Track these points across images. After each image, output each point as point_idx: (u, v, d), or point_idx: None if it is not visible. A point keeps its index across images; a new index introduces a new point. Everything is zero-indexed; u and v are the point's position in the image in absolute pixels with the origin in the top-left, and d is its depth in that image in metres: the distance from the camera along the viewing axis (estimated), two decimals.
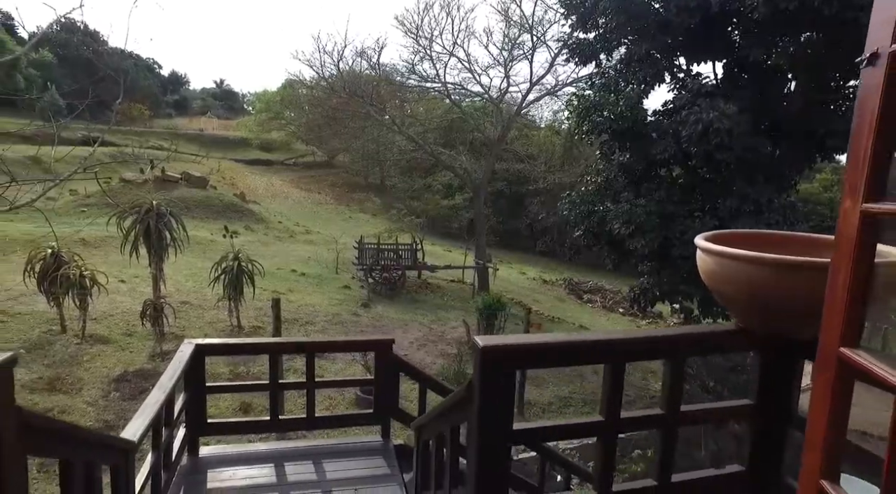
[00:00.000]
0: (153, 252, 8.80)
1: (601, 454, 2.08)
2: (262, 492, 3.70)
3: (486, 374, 1.85)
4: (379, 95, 20.21)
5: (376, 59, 19.61)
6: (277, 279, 14.90)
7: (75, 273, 8.41)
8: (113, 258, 12.48)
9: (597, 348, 2.00)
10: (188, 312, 11.10)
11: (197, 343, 3.97)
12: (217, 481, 3.80)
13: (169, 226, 8.75)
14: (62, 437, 1.90)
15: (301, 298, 13.56)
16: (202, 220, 22.09)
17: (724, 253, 1.98)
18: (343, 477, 3.94)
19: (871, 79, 1.18)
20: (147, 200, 9.06)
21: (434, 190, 32.70)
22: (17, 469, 1.55)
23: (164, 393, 3.20)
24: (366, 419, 4.71)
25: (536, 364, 2.21)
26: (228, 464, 4.01)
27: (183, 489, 3.66)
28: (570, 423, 2.29)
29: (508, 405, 1.93)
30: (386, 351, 4.42)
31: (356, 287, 15.96)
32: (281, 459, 4.12)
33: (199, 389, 4.04)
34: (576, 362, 2.36)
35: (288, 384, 4.95)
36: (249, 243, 19.31)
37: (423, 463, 3.16)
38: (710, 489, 2.29)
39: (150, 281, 9.51)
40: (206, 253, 15.52)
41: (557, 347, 1.94)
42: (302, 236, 23.74)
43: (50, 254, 8.39)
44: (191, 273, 13.75)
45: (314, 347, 4.64)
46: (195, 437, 4.07)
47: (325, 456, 4.20)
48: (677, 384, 2.11)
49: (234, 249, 10.63)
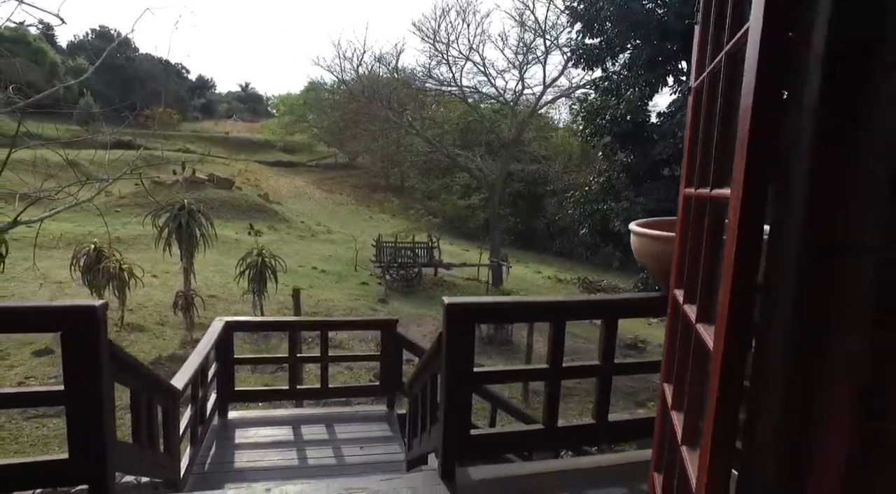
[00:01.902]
0: (184, 248, 9.54)
1: (547, 396, 2.62)
2: (282, 447, 4.31)
3: (450, 326, 2.42)
4: (398, 99, 20.89)
5: (394, 64, 20.31)
6: (299, 276, 15.61)
7: (115, 267, 9.17)
8: (145, 255, 13.30)
9: (541, 307, 2.53)
10: (215, 305, 11.84)
11: (227, 320, 4.61)
12: (243, 438, 4.43)
13: (199, 224, 9.47)
14: (133, 371, 2.50)
15: (321, 294, 14.24)
16: (228, 220, 22.98)
17: (642, 234, 2.51)
18: (351, 438, 4.53)
19: (691, 103, 1.73)
20: (179, 200, 9.80)
21: (452, 190, 33.24)
22: (109, 386, 2.16)
23: (199, 358, 3.82)
24: (373, 390, 5.31)
25: (490, 319, 2.76)
26: (253, 425, 4.64)
27: (215, 443, 4.28)
28: (521, 369, 2.84)
29: (469, 352, 2.48)
30: (391, 330, 5.01)
31: (374, 284, 16.60)
32: (298, 422, 4.73)
33: (228, 360, 4.67)
34: (525, 319, 2.91)
35: (305, 357, 5.54)
36: (272, 242, 20.10)
37: (412, 413, 3.72)
38: (641, 428, 2.81)
39: (179, 276, 10.27)
40: (232, 251, 16.31)
41: (509, 306, 2.48)
42: (323, 235, 24.51)
43: (93, 250, 9.16)
44: (217, 269, 14.54)
45: (328, 325, 5.26)
46: (224, 402, 4.70)
47: (336, 421, 4.80)
48: (611, 340, 2.63)
49: (258, 246, 11.34)
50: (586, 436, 2.77)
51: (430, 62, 20.88)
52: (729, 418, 1.02)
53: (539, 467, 2.67)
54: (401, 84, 21.65)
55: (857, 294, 0.78)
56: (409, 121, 21.43)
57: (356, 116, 24.79)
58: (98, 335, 2.06)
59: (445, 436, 2.50)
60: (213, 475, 3.81)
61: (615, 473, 2.61)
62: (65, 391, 2.04)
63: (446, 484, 2.47)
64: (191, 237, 9.46)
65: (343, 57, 21.75)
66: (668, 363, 1.77)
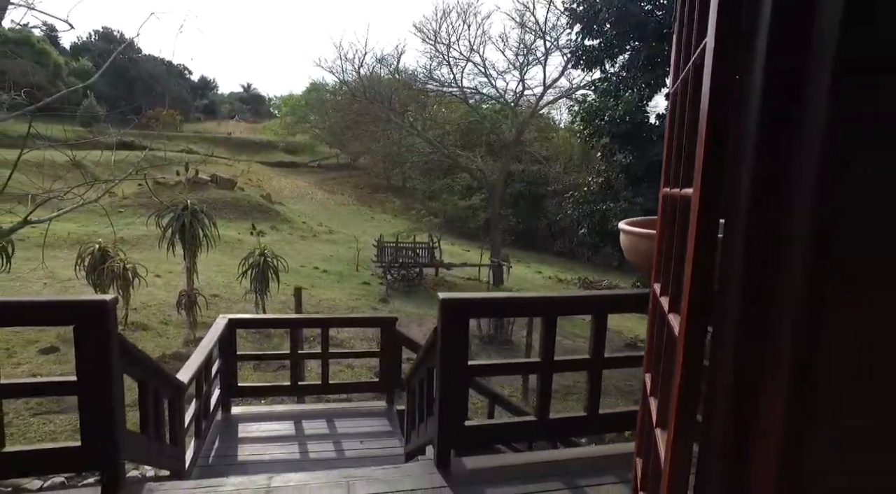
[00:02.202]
0: (187, 247, 9.65)
1: (540, 389, 2.72)
2: (284, 441, 4.41)
3: (445, 321, 2.52)
4: (399, 100, 21.02)
5: (395, 65, 20.45)
6: (301, 276, 15.73)
7: (119, 266, 9.29)
8: (148, 255, 13.43)
9: (533, 303, 2.63)
10: (218, 304, 11.96)
11: (230, 317, 4.72)
12: (246, 432, 4.53)
13: (202, 224, 9.59)
14: (142, 364, 2.61)
15: (322, 293, 14.36)
16: (230, 220, 23.13)
17: (629, 232, 2.61)
18: (351, 433, 4.64)
19: (669, 107, 1.83)
20: (182, 200, 9.92)
21: (453, 190, 33.35)
22: (118, 379, 2.26)
23: (203, 354, 3.93)
24: (373, 387, 5.42)
25: (484, 314, 2.86)
26: (255, 420, 4.75)
27: (218, 437, 4.39)
28: (514, 362, 2.94)
29: (464, 346, 2.59)
30: (390, 327, 5.11)
31: (375, 283, 16.71)
32: (299, 417, 4.84)
33: (231, 357, 4.78)
34: (516, 314, 3.02)
35: (306, 354, 5.65)
36: (275, 242, 20.23)
37: (410, 406, 3.83)
38: (630, 419, 2.91)
39: (182, 276, 10.40)
40: (234, 251, 16.44)
41: (501, 302, 2.59)
42: (325, 236, 24.64)
43: (97, 249, 9.28)
44: (220, 269, 14.67)
45: (329, 322, 5.37)
46: (227, 398, 4.81)
47: (337, 416, 4.91)
48: (601, 335, 2.73)
49: (260, 246, 11.46)
50: (578, 428, 2.87)
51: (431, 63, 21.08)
52: (690, 397, 1.12)
53: (531, 457, 2.78)
54: (402, 85, 21.79)
55: (790, 279, 0.88)
56: (410, 121, 21.56)
57: (357, 117, 24.94)
58: (109, 328, 2.16)
59: (441, 426, 2.60)
60: (216, 467, 3.91)
61: (605, 463, 2.71)
62: (78, 381, 2.15)
63: (441, 473, 2.57)
64: (194, 237, 9.58)
65: (344, 58, 21.98)
66: (648, 353, 1.86)
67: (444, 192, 33.34)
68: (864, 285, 0.86)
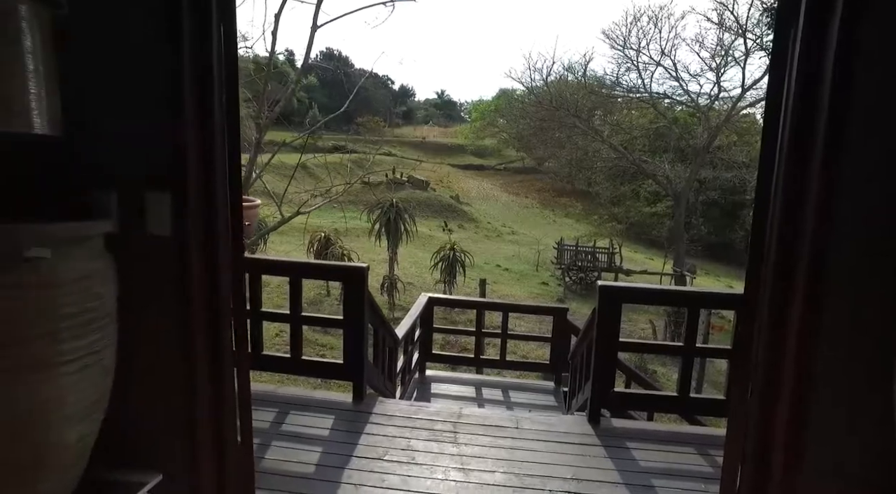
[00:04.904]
0: (391, 239, 11.32)
1: (682, 370, 3.23)
2: (466, 401, 5.37)
3: (602, 303, 3.17)
4: (585, 106, 21.30)
5: (582, 73, 20.77)
6: (484, 272, 16.97)
7: (339, 251, 11.24)
8: (356, 244, 15.65)
9: (678, 295, 3.14)
10: (411, 290, 13.59)
11: (430, 296, 5.83)
12: (437, 390, 5.59)
13: (405, 220, 11.16)
14: (379, 316, 3.69)
15: (503, 289, 15.41)
16: (423, 218, 25.42)
17: None
18: (522, 402, 5.44)
19: None
20: (389, 199, 11.64)
21: (639, 196, 32.35)
22: (366, 322, 3.32)
23: (410, 320, 5.04)
24: (543, 367, 6.17)
25: (636, 300, 3.41)
26: (444, 382, 5.80)
27: (416, 390, 5.50)
28: (659, 343, 3.45)
29: (616, 325, 3.21)
30: (562, 316, 5.82)
31: (554, 284, 17.34)
32: (480, 385, 5.78)
33: (429, 328, 5.88)
34: (663, 303, 3.51)
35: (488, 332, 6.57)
36: (461, 240, 21.85)
37: (572, 377, 4.49)
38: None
39: (383, 264, 12.12)
40: (426, 246, 18.28)
41: (651, 292, 3.12)
42: (508, 236, 25.83)
43: (324, 237, 11.35)
44: (413, 261, 16.50)
45: (510, 308, 6.23)
46: (424, 361, 5.92)
47: (511, 388, 5.76)
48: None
49: (450, 242, 12.85)
50: (716, 408, 3.30)
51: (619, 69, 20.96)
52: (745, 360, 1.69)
53: (668, 426, 3.29)
54: (588, 91, 21.99)
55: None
56: (595, 127, 21.69)
57: (543, 123, 25.65)
58: (363, 286, 3.22)
59: (594, 389, 3.26)
60: None
61: None
62: (344, 319, 3.23)
63: (591, 425, 3.23)
64: (397, 231, 11.19)
65: (533, 68, 22.87)
66: None
67: (628, 198, 32.49)
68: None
